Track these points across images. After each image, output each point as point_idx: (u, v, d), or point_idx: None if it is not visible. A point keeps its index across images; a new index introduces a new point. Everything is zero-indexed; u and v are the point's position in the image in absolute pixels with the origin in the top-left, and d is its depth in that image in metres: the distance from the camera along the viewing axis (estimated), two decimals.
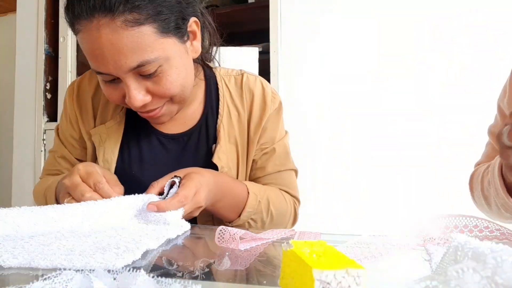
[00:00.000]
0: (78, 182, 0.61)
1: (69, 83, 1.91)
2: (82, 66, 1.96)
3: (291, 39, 1.66)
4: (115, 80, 0.66)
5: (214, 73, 0.85)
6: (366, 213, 1.52)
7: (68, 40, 1.91)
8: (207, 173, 0.67)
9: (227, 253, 0.48)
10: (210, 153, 0.79)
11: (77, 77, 1.91)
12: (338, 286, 0.27)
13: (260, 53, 1.64)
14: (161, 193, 0.64)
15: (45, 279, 0.32)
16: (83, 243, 0.47)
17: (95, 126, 0.81)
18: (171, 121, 0.80)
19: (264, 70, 1.63)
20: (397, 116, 1.53)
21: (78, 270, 0.34)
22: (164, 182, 0.64)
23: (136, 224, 0.59)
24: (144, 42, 0.61)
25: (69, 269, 0.36)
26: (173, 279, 0.32)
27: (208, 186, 0.65)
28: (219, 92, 0.82)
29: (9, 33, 2.21)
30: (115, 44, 0.60)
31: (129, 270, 0.32)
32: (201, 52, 0.75)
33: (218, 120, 0.80)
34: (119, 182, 0.67)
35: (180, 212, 0.60)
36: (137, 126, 0.81)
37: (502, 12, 1.43)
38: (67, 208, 0.57)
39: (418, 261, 0.44)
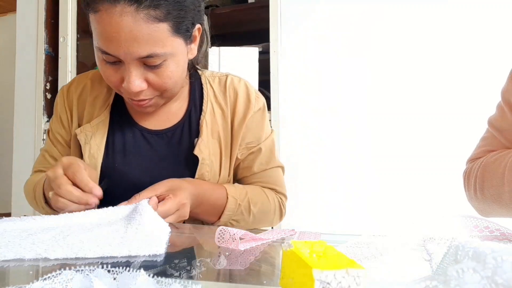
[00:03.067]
0: (58, 174, 0.64)
1: None
2: (82, 66, 1.96)
3: (291, 39, 1.66)
4: (117, 63, 0.69)
5: (199, 74, 0.89)
6: (366, 213, 1.52)
7: (68, 40, 1.91)
8: (186, 184, 0.72)
9: (226, 253, 0.48)
10: (192, 147, 0.81)
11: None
12: (338, 286, 0.27)
13: (260, 53, 1.64)
14: None
15: (45, 279, 0.32)
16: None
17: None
18: (155, 118, 0.84)
19: (264, 70, 1.63)
20: (397, 116, 1.53)
21: (78, 270, 0.34)
22: (145, 195, 0.66)
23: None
24: (158, 37, 0.66)
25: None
26: (173, 279, 0.32)
27: (188, 199, 0.71)
28: (203, 91, 0.86)
29: (9, 33, 2.21)
30: (133, 33, 0.63)
31: (129, 270, 0.32)
32: (195, 55, 0.80)
33: (201, 116, 0.83)
34: (97, 179, 0.71)
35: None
36: (121, 122, 0.84)
37: (498, 12, 1.43)
38: (49, 219, 0.58)
39: (418, 261, 0.44)
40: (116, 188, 0.75)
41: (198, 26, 0.75)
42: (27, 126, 1.96)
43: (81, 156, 0.83)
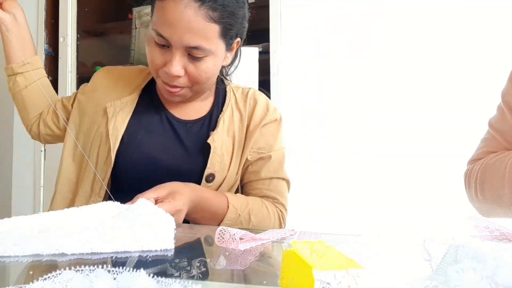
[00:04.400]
0: None
1: (69, 83, 1.91)
2: (82, 66, 1.96)
3: (291, 39, 1.66)
4: (165, 47, 0.78)
5: (225, 84, 0.97)
6: (366, 213, 1.52)
7: (68, 40, 1.91)
8: (187, 189, 0.74)
9: (226, 253, 0.48)
10: (208, 139, 0.87)
11: (77, 77, 1.92)
12: (338, 286, 0.27)
13: (260, 53, 1.64)
14: None
15: (45, 279, 0.32)
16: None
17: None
18: (183, 108, 0.92)
19: (264, 70, 1.63)
20: (397, 117, 1.53)
21: (78, 270, 0.34)
22: (147, 196, 0.67)
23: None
24: (209, 34, 0.76)
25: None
26: (173, 279, 0.32)
27: (189, 205, 0.73)
28: (226, 96, 0.94)
29: None
30: (190, 23, 0.74)
31: (129, 270, 0.32)
32: (228, 64, 0.92)
33: (220, 114, 0.91)
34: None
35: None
36: (150, 104, 0.91)
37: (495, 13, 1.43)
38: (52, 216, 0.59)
39: (418, 261, 0.44)
40: (135, 158, 0.85)
41: (238, 39, 0.86)
42: None
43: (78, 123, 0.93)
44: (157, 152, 0.86)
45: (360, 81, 1.58)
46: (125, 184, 0.86)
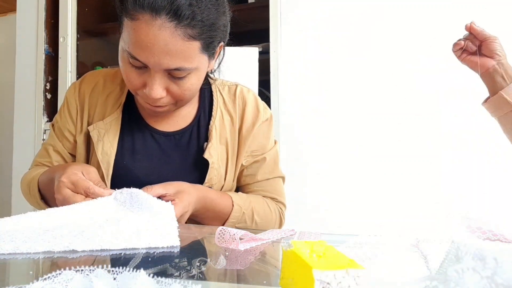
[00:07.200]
0: (69, 195, 0.64)
1: (69, 83, 1.91)
2: (82, 66, 1.96)
3: (291, 39, 1.66)
4: (142, 68, 0.71)
5: (210, 82, 0.91)
6: (366, 213, 1.52)
7: (68, 40, 1.91)
8: (194, 190, 0.74)
9: (226, 253, 0.48)
10: (201, 151, 0.84)
11: (77, 76, 1.92)
12: (338, 286, 0.27)
13: (260, 53, 1.64)
14: None
15: (45, 279, 0.32)
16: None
17: (88, 125, 0.86)
18: (165, 120, 0.86)
19: (264, 70, 1.63)
20: (396, 117, 1.53)
21: (78, 270, 0.34)
22: (156, 190, 0.67)
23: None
24: (189, 53, 0.69)
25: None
26: (173, 279, 0.32)
27: (194, 205, 0.73)
28: (213, 98, 0.89)
29: (9, 33, 2.21)
30: (168, 46, 0.66)
31: (129, 270, 0.32)
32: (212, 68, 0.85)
33: (211, 121, 0.86)
34: (98, 176, 0.71)
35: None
36: (132, 122, 0.86)
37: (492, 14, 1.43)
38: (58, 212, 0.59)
39: (418, 261, 0.44)
40: (124, 186, 0.77)
41: (221, 43, 0.79)
42: (27, 126, 1.96)
43: (88, 152, 0.85)
44: (147, 175, 0.82)
45: (360, 81, 1.58)
46: None
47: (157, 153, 0.84)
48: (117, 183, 0.78)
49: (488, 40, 0.82)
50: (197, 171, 0.83)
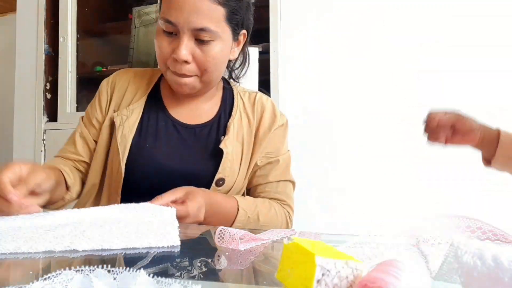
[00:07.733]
0: None
1: (69, 83, 1.91)
2: (82, 66, 1.96)
3: (291, 39, 1.66)
4: (172, 35, 0.80)
5: (231, 87, 0.99)
6: (366, 213, 1.52)
7: (68, 40, 1.90)
8: (201, 191, 0.77)
9: (226, 253, 0.48)
10: (218, 143, 0.89)
11: (77, 77, 1.92)
12: (337, 275, 0.29)
13: (260, 53, 1.64)
14: None
15: (45, 279, 0.32)
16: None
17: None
18: (188, 113, 0.92)
19: (264, 70, 1.62)
20: (396, 117, 1.53)
21: (78, 270, 0.34)
22: (167, 198, 0.70)
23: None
24: (214, 16, 0.78)
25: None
26: (173, 279, 0.32)
27: (205, 202, 0.76)
28: (234, 100, 0.96)
29: (9, 33, 2.21)
30: (196, 5, 0.76)
31: (129, 270, 0.32)
32: (235, 60, 0.95)
33: (230, 119, 0.92)
34: (40, 185, 0.68)
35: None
36: (156, 110, 0.92)
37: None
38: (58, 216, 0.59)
39: (418, 261, 0.44)
40: (145, 167, 0.85)
41: (244, 31, 0.89)
42: (27, 126, 1.95)
43: (110, 138, 0.90)
44: (167, 160, 0.86)
45: (360, 81, 1.58)
46: (136, 192, 0.84)
47: (178, 141, 0.89)
48: (137, 166, 0.84)
49: (457, 121, 0.86)
50: (212, 160, 0.87)
